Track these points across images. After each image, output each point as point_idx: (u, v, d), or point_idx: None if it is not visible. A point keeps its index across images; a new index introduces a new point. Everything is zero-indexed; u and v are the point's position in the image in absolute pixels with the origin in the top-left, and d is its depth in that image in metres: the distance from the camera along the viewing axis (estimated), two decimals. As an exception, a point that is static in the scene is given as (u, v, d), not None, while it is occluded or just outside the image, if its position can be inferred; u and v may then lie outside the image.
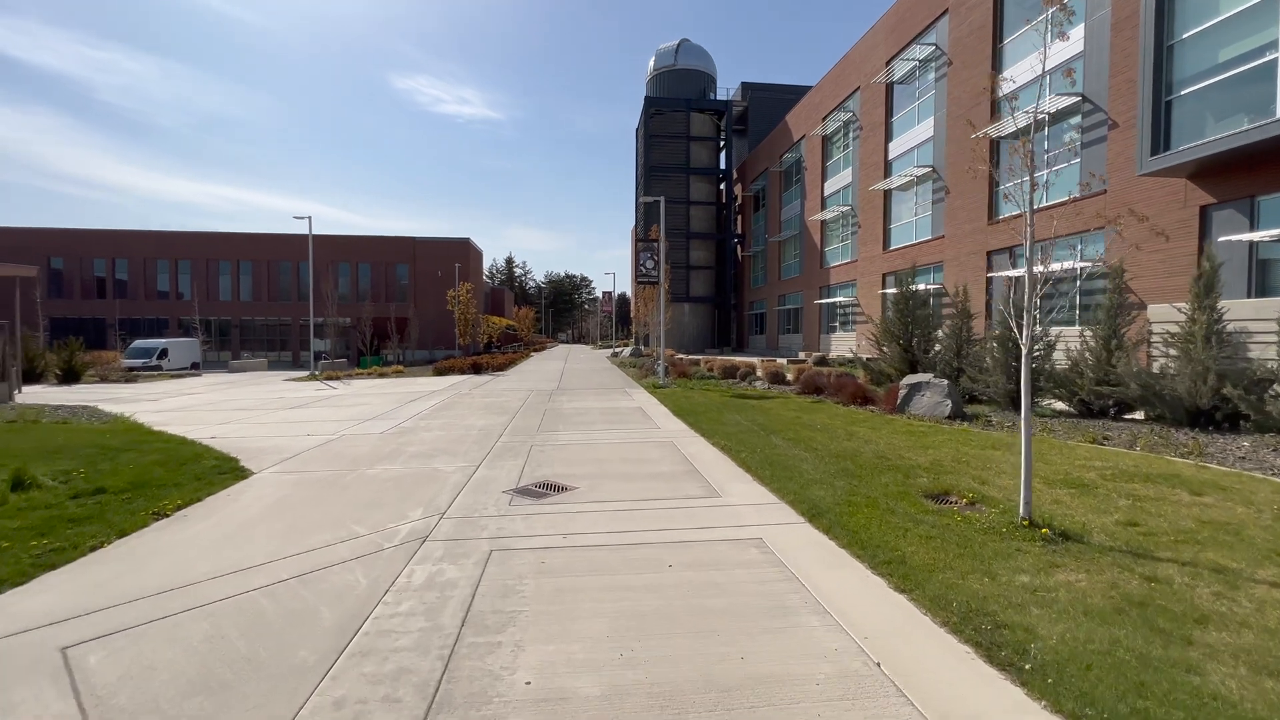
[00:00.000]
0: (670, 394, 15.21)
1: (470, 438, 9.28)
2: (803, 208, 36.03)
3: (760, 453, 7.74)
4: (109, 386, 21.24)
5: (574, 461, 7.53)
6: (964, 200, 20.93)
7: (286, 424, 11.10)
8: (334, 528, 5.02)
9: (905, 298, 13.93)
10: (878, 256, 26.99)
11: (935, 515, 5.14)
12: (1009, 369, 10.87)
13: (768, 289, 42.50)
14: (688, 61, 49.95)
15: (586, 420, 11.09)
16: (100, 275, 44.74)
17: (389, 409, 13.16)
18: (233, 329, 45.69)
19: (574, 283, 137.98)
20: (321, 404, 14.53)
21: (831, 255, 32.66)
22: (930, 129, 23.22)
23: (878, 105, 26.86)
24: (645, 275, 17.59)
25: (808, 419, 10.59)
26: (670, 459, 7.66)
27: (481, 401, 14.35)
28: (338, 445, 8.76)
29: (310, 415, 12.36)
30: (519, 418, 11.45)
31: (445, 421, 11.09)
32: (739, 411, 11.65)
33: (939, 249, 22.26)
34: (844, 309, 30.85)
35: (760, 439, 8.73)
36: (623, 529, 4.95)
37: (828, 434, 9.06)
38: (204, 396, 17.24)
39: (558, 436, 9.34)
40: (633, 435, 9.44)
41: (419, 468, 7.25)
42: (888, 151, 26.40)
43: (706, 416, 11.01)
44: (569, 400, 14.39)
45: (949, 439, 8.47)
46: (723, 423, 10.26)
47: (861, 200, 28.59)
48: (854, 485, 6.15)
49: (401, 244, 47.24)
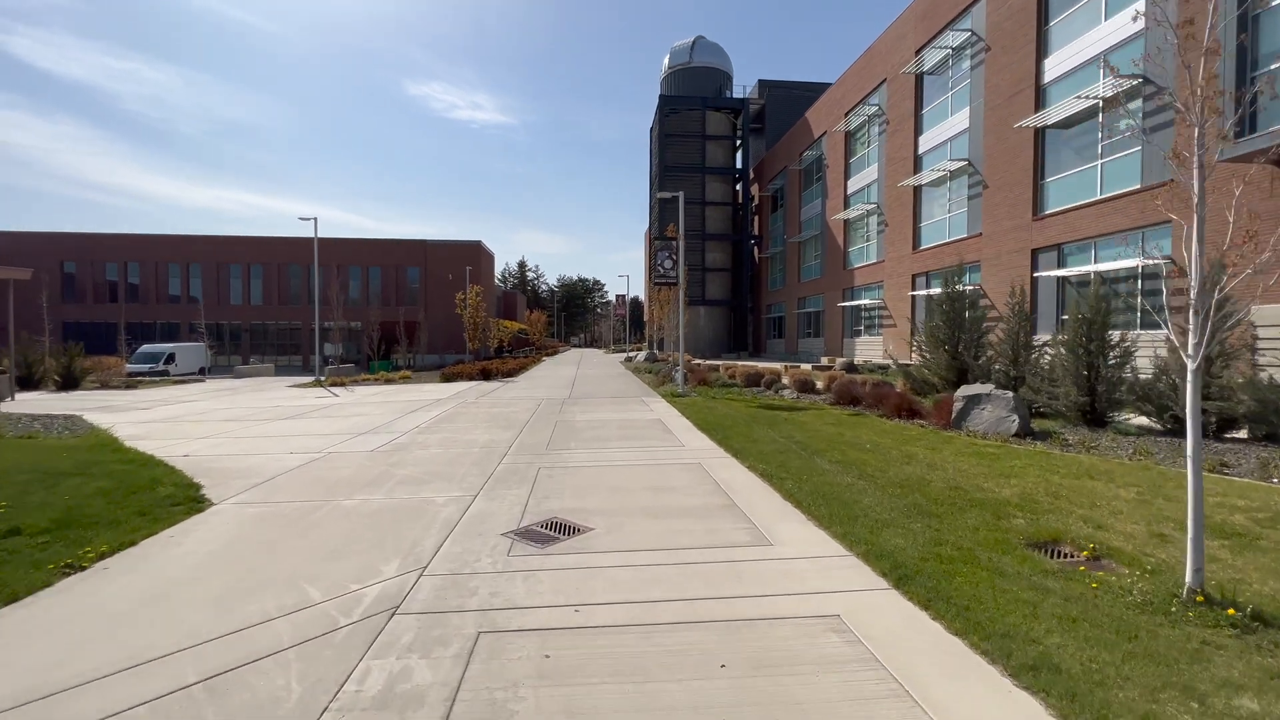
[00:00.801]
0: (691, 404, 14.03)
1: (470, 457, 8.18)
2: (824, 207, 34.69)
3: (807, 480, 6.54)
4: (107, 393, 20.55)
5: (588, 490, 6.39)
6: (1004, 195, 19.53)
7: (272, 438, 10.11)
8: (283, 590, 3.92)
9: (952, 299, 12.64)
10: (906, 256, 25.59)
11: (1060, 579, 3.92)
12: (1081, 379, 9.55)
13: (786, 291, 41.14)
14: (703, 59, 48.84)
15: (601, 435, 9.96)
16: (113, 279, 44.61)
17: (387, 420, 12.14)
18: (243, 333, 45.32)
19: (586, 286, 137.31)
20: (317, 414, 13.56)
21: (855, 256, 31.28)
22: (965, 120, 21.84)
23: (906, 97, 25.52)
24: (663, 275, 16.46)
25: (851, 435, 9.35)
26: (701, 487, 6.49)
27: (487, 412, 13.29)
28: (320, 466, 7.71)
29: (301, 428, 11.37)
30: (526, 432, 10.34)
31: (445, 437, 10.02)
32: (770, 426, 10.44)
33: (975, 248, 20.85)
34: (869, 312, 29.43)
35: (802, 461, 7.52)
36: (653, 597, 3.78)
37: (880, 455, 7.83)
38: (199, 405, 16.39)
39: (569, 456, 8.21)
40: (654, 455, 8.28)
41: (406, 498, 6.16)
42: (917, 146, 25.03)
43: (735, 432, 9.82)
44: (582, 411, 13.27)
45: (1029, 464, 7.20)
46: (754, 439, 9.07)
47: (888, 198, 27.22)
48: (936, 529, 4.94)
49: (412, 247, 46.62)
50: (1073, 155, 17.09)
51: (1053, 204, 17.75)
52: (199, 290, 44.83)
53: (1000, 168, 19.69)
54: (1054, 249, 17.52)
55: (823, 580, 4.02)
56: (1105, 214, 15.56)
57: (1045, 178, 18.04)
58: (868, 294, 29.48)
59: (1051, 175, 17.84)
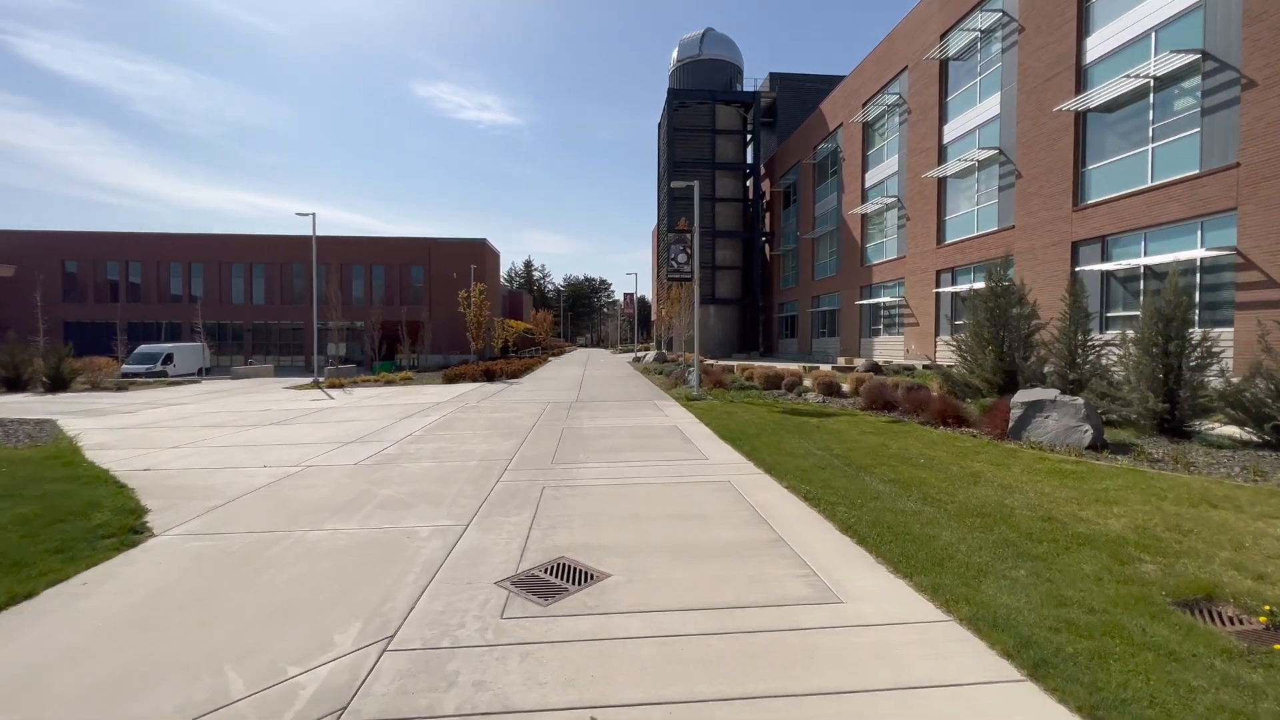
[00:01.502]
0: (708, 408, 12.96)
1: (465, 473, 7.16)
2: (840, 201, 33.49)
3: (863, 506, 5.47)
4: (94, 395, 19.73)
5: (600, 518, 5.34)
6: (1040, 185, 18.33)
7: (251, 448, 9.13)
8: (196, 675, 2.89)
9: (995, 294, 11.49)
10: (930, 252, 24.39)
11: (1255, 666, 2.84)
12: (1157, 383, 8.41)
13: (800, 290, 39.95)
14: (713, 51, 47.68)
15: (613, 445, 8.91)
16: (114, 278, 44.05)
17: (380, 427, 11.16)
18: (246, 333, 44.63)
19: (593, 286, 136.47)
20: (306, 419, 12.60)
21: (874, 252, 30.07)
22: (995, 106, 20.63)
23: (930, 84, 24.31)
24: (676, 270, 15.39)
25: (897, 447, 8.25)
26: (736, 514, 5.43)
27: (489, 417, 12.27)
28: (293, 484, 6.70)
29: (285, 435, 10.40)
30: (530, 441, 9.31)
31: (440, 447, 9.00)
32: (801, 435, 9.35)
33: (1007, 241, 19.65)
34: (889, 310, 28.23)
35: (850, 480, 6.44)
36: (699, 693, 2.72)
37: (939, 473, 6.73)
38: (185, 408, 15.50)
39: (578, 471, 7.16)
40: (675, 470, 7.23)
41: (384, 528, 5.14)
42: (942, 135, 23.82)
43: (763, 442, 8.75)
44: (590, 416, 12.23)
45: (1125, 486, 6.08)
46: (787, 452, 8.00)
47: (910, 190, 26.02)
48: (1048, 579, 3.87)
49: (417, 245, 45.78)
50: (1119, 140, 15.88)
51: (1095, 193, 16.53)
52: (200, 289, 44.21)
53: (1035, 156, 18.48)
54: (1097, 241, 16.30)
55: (928, 664, 2.95)
56: (1157, 202, 14.36)
57: (1086, 165, 16.83)
58: (887, 291, 28.28)
59: (1094, 162, 16.63)
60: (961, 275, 22.52)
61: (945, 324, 23.37)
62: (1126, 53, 15.47)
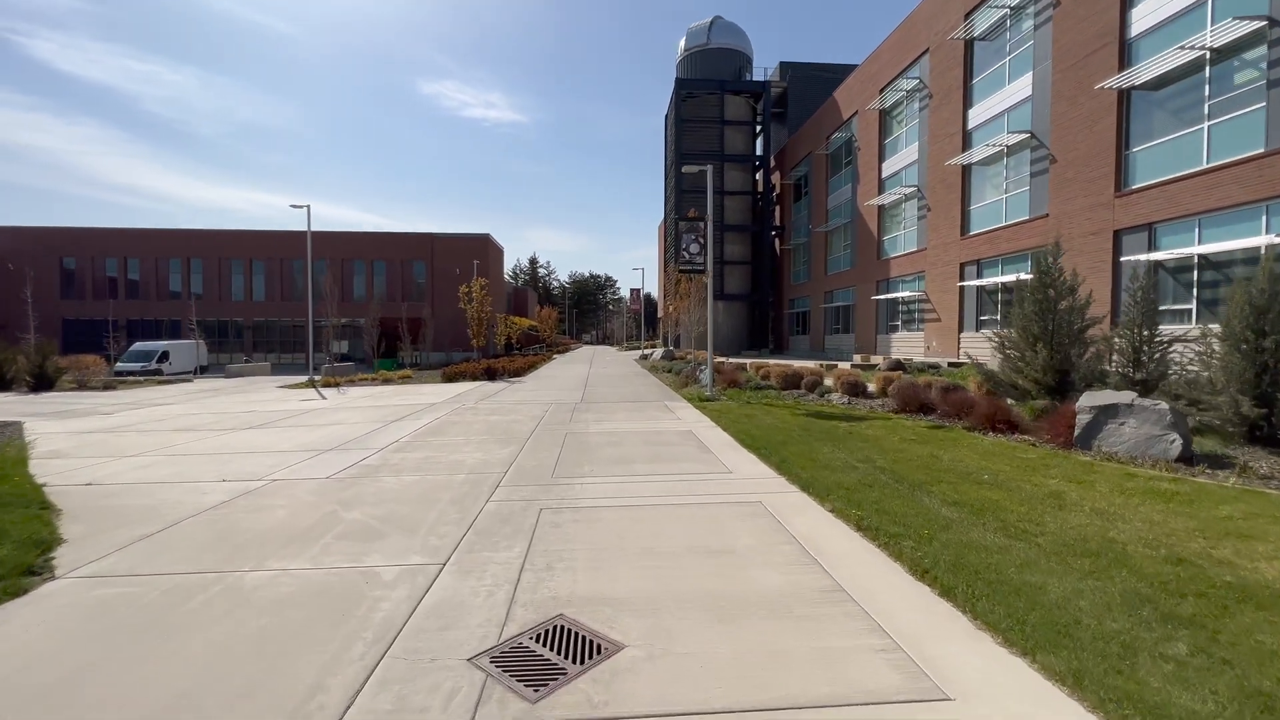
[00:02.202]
0: (724, 410, 11.92)
1: (451, 490, 6.15)
2: (855, 193, 32.28)
3: (932, 539, 4.42)
4: (79, 395, 18.92)
5: (610, 553, 4.32)
6: (1078, 170, 17.11)
7: (215, 457, 8.17)
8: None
9: (1045, 284, 10.36)
10: (953, 243, 23.18)
11: None
12: (1248, 384, 7.29)
13: (812, 285, 38.76)
14: (721, 40, 46.43)
15: (621, 454, 7.88)
16: (113, 275, 43.41)
17: (365, 431, 10.19)
18: (246, 330, 43.92)
19: (598, 283, 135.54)
20: (287, 422, 11.65)
21: (891, 245, 28.86)
22: (1027, 87, 19.40)
23: (953, 67, 23.07)
24: (688, 262, 14.33)
25: (950, 458, 7.18)
26: (777, 549, 4.39)
27: (485, 420, 11.28)
28: (247, 505, 5.72)
29: (261, 441, 9.44)
30: (529, 450, 8.30)
31: (427, 456, 8.01)
32: (835, 443, 8.29)
33: (1040, 231, 18.44)
34: (908, 305, 27.04)
35: (906, 502, 5.39)
36: None
37: (1012, 493, 5.67)
38: (167, 409, 14.63)
39: (582, 490, 6.14)
40: (695, 486, 6.19)
41: (340, 568, 4.13)
42: (966, 120, 22.58)
43: (792, 451, 7.70)
44: (596, 419, 11.21)
45: (1250, 513, 4.99)
46: (822, 463, 6.95)
47: (931, 179, 24.80)
48: (1223, 660, 2.81)
49: (419, 241, 44.89)
50: (1169, 119, 14.66)
51: (1141, 177, 15.31)
52: (199, 285, 43.53)
53: (1073, 138, 17.26)
54: (1144, 229, 15.09)
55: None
56: (1215, 185, 13.16)
57: (1131, 147, 15.61)
58: (906, 286, 27.09)
59: (1140, 144, 15.41)
60: (988, 268, 21.33)
61: (970, 319, 22.21)
62: (1179, 23, 14.24)
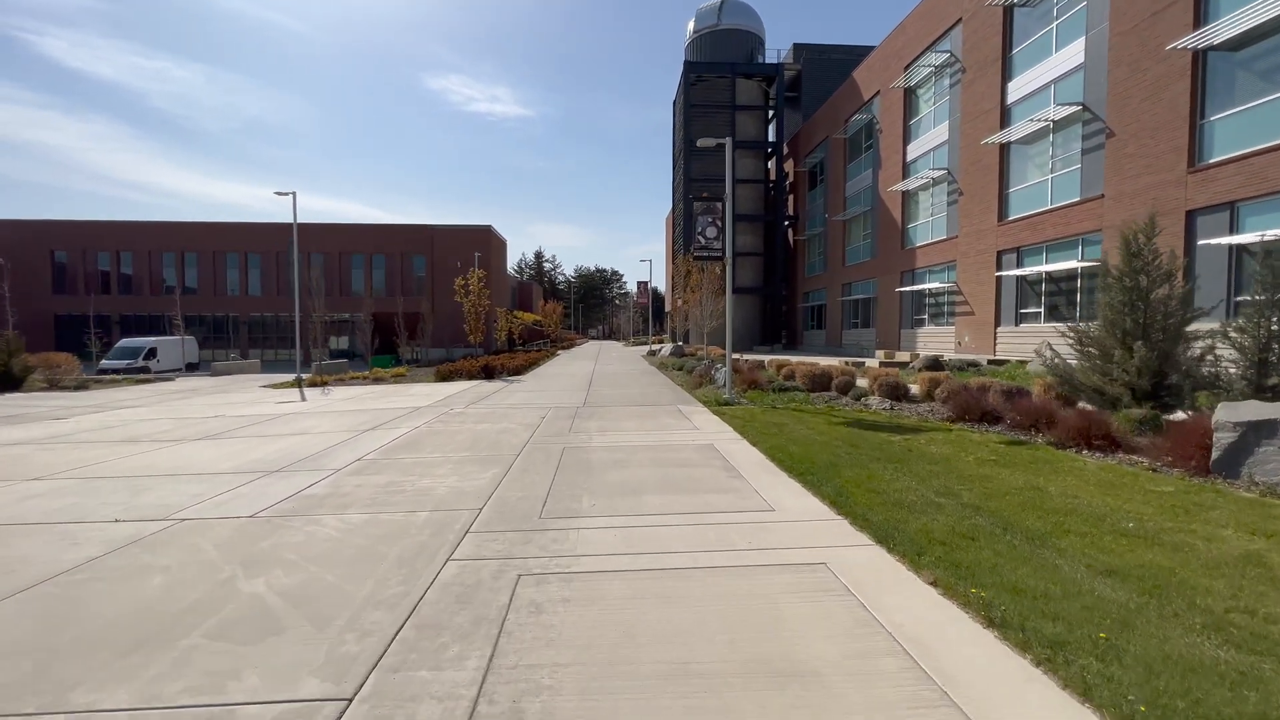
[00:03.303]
0: (747, 418, 10.30)
1: (402, 541, 4.58)
2: (876, 178, 30.41)
3: (1124, 655, 2.79)
4: (45, 396, 17.59)
5: (616, 674, 2.72)
6: (1142, 144, 15.28)
7: (132, 482, 6.67)
8: None
9: (1135, 270, 8.64)
10: (989, 230, 21.36)
11: None
12: None
13: (828, 277, 36.94)
14: (732, 20, 44.43)
15: (630, 479, 6.29)
16: (105, 269, 42.24)
17: (330, 445, 8.68)
18: (241, 326, 42.68)
19: (605, 277, 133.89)
20: (248, 431, 10.16)
21: (917, 233, 27.03)
22: (1079, 54, 17.52)
23: (990, 36, 21.17)
24: (704, 247, 12.68)
25: (1058, 492, 5.53)
26: (883, 674, 2.77)
27: (472, 430, 9.71)
28: (118, 566, 4.19)
29: (199, 459, 7.94)
30: (516, 473, 6.72)
31: (389, 481, 6.45)
32: (897, 466, 6.66)
33: (1094, 214, 16.64)
34: (936, 297, 25.24)
35: (1039, 572, 3.77)
36: None
37: (1187, 557, 4.02)
38: (129, 413, 13.26)
39: (578, 538, 4.55)
40: (731, 534, 4.60)
41: (175, 710, 2.55)
42: (1005, 94, 20.71)
43: (847, 477, 6.09)
44: (600, 428, 9.62)
45: None
46: (893, 498, 5.33)
47: (964, 161, 22.94)
48: None
49: (418, 233, 43.40)
50: (1256, 81, 12.82)
51: (1221, 149, 13.48)
52: (194, 280, 42.30)
53: (1135, 109, 15.41)
54: (1224, 208, 13.27)
55: None
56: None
57: (1207, 115, 13.77)
58: (934, 276, 25.27)
59: (1217, 112, 13.57)
60: (1030, 256, 19.52)
61: (1008, 312, 20.42)
62: (1271, -30, 12.36)
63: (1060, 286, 18.30)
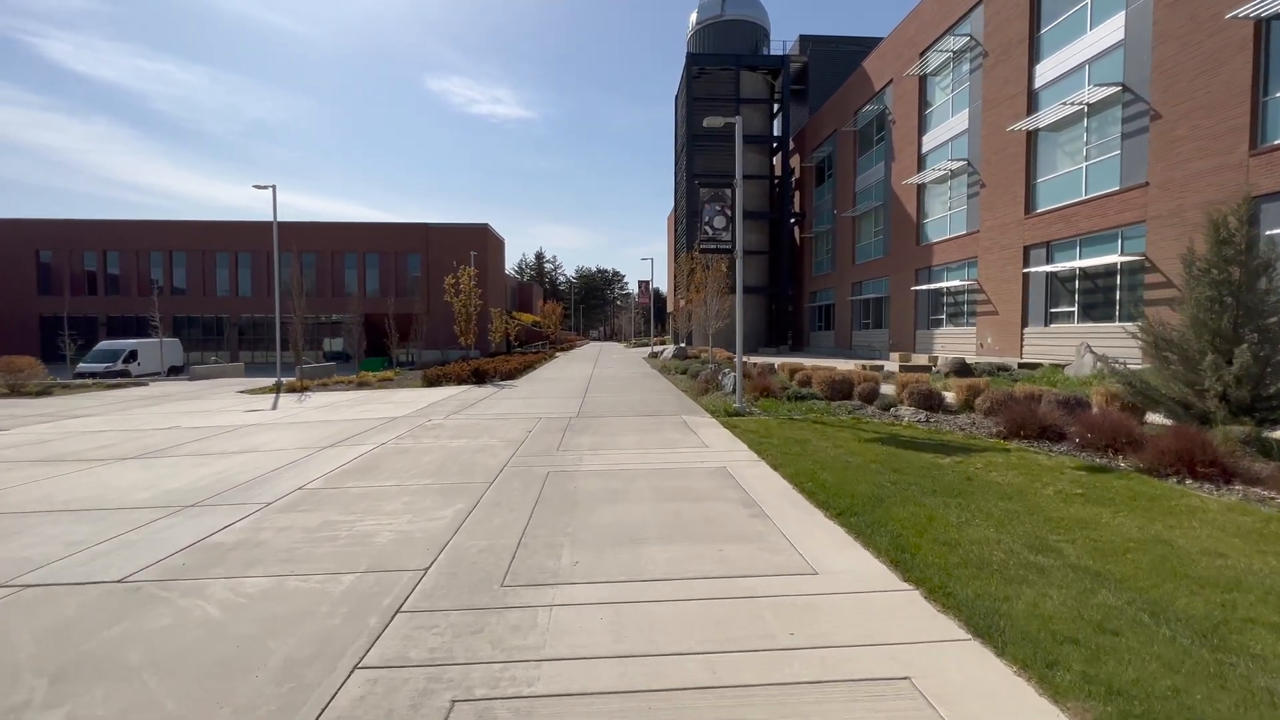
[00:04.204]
0: (763, 432, 8.98)
1: (304, 629, 3.27)
2: (888, 172, 29.06)
3: None
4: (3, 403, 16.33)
5: None
6: (1193, 125, 13.93)
7: (12, 519, 5.36)
8: None
9: (1227, 262, 7.30)
10: (1015, 224, 19.99)
11: None
12: None
13: (837, 275, 35.58)
14: (736, 10, 43.06)
15: (626, 520, 4.98)
16: (91, 269, 41.10)
17: (277, 465, 7.41)
18: (230, 327, 41.50)
19: (606, 278, 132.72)
20: (195, 447, 8.88)
21: (934, 228, 25.66)
22: (1117, 31, 16.16)
23: (1016, 17, 19.81)
24: (712, 239, 11.37)
25: (1192, 546, 4.19)
26: None
27: (445, 448, 8.40)
28: None
29: (115, 485, 6.65)
30: (484, 510, 5.41)
31: (323, 522, 5.15)
32: (959, 501, 5.33)
33: (1137, 204, 15.28)
34: (955, 296, 23.87)
35: (1252, 707, 2.41)
36: None
37: None
38: (77, 423, 12.06)
39: (548, 624, 3.22)
40: (761, 613, 3.27)
41: None
42: (1033, 78, 19.35)
43: (900, 518, 4.77)
44: (593, 445, 8.30)
45: None
46: (972, 555, 4.00)
47: (986, 150, 21.58)
48: None
49: (413, 231, 42.20)
50: (1330, 51, 11.45)
51: (1290, 127, 12.12)
52: (184, 280, 41.15)
53: (1185, 87, 14.05)
54: (1297, 193, 11.92)
55: None
56: None
57: (1271, 91, 12.40)
58: (953, 274, 23.91)
59: (1285, 87, 12.21)
60: (1062, 251, 18.16)
61: (1037, 312, 19.06)
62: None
63: (1096, 284, 16.93)
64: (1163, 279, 14.29)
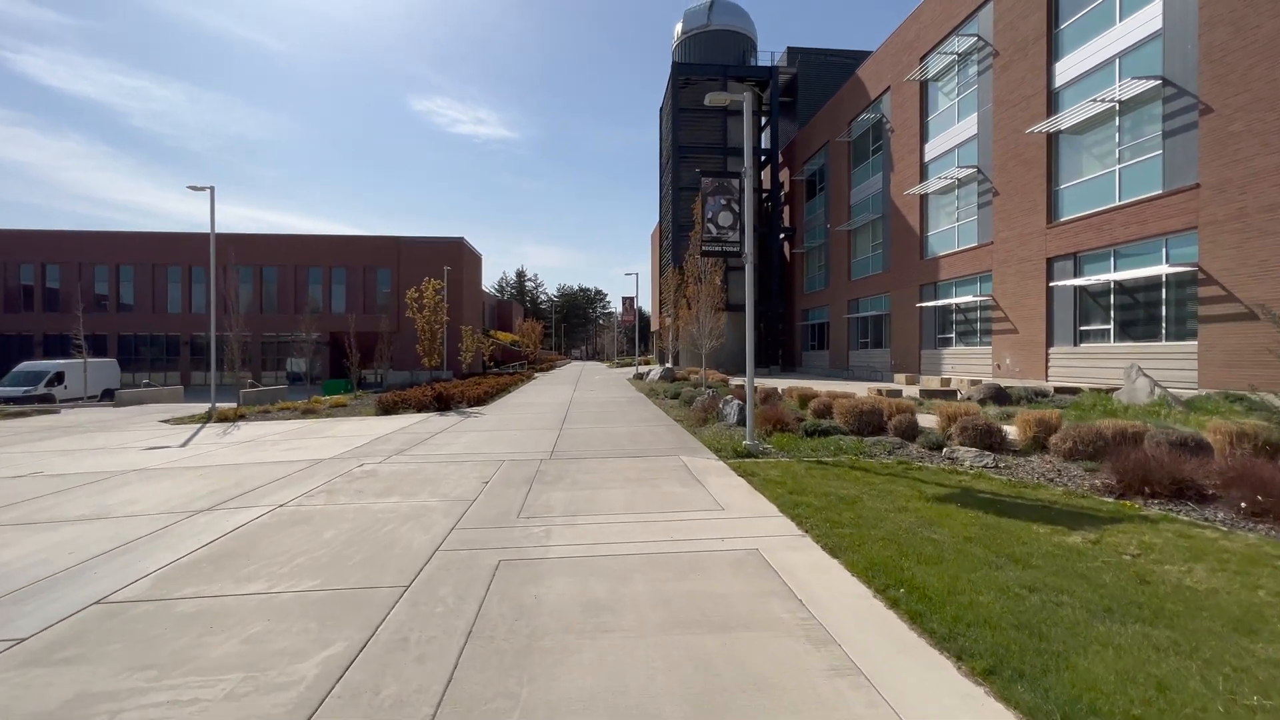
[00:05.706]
0: (790, 483, 6.83)
1: None
2: (887, 183, 27.61)
3: None
4: None
5: None
6: (1255, 118, 12.42)
7: None
8: None
9: None
10: (1036, 234, 18.39)
11: None
12: None
13: (831, 292, 33.94)
14: (723, 21, 42.00)
15: (617, 677, 2.72)
16: (28, 283, 37.85)
17: (108, 548, 5.08)
18: (183, 346, 38.42)
19: (588, 296, 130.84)
20: (22, 510, 6.43)
21: (940, 241, 24.09)
22: (1154, 20, 14.74)
23: (1031, 12, 18.46)
24: (715, 239, 9.36)
25: None
26: None
27: (362, 514, 6.08)
28: None
29: None
30: (373, 658, 3.10)
31: (75, 695, 2.80)
32: (1168, 634, 3.21)
33: (1187, 208, 13.69)
34: (966, 313, 22.19)
35: None
36: None
37: None
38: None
39: None
40: None
41: None
42: (1052, 76, 17.93)
43: (1092, 679, 2.60)
44: (567, 502, 6.05)
45: None
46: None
47: (999, 156, 20.09)
48: None
49: (383, 245, 39.81)
50: None
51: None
52: (131, 296, 38.10)
53: (1241, 76, 12.57)
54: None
55: None
56: None
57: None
58: (963, 289, 22.25)
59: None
60: (1092, 262, 16.54)
61: (1064, 330, 17.36)
62: None
63: (1137, 298, 15.29)
64: (1221, 292, 12.65)
